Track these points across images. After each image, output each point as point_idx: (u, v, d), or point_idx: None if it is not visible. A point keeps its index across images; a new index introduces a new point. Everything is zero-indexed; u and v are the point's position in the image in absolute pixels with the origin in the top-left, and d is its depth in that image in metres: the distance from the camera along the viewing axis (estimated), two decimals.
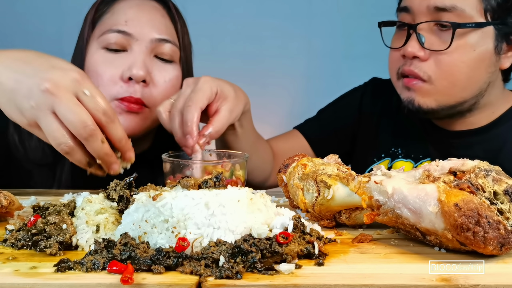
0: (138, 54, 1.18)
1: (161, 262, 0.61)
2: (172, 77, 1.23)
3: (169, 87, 1.22)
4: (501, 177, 0.68)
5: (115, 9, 1.23)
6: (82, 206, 0.77)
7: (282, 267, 0.61)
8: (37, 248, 0.68)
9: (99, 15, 1.24)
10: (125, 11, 1.21)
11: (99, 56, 1.19)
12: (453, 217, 0.61)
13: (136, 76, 1.15)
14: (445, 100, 1.19)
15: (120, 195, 0.79)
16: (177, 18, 1.26)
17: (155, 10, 1.24)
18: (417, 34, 1.16)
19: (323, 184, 0.80)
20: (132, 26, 1.19)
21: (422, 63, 1.17)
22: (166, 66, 1.23)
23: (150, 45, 1.19)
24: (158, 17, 1.23)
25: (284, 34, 2.36)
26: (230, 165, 0.96)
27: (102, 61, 1.18)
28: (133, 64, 1.16)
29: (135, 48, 1.18)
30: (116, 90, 1.16)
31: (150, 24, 1.20)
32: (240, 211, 0.68)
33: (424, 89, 1.18)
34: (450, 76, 1.16)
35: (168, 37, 1.22)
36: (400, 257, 0.67)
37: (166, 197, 0.69)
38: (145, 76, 1.16)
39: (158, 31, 1.21)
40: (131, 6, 1.22)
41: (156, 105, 1.16)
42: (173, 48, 1.22)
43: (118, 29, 1.18)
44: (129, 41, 1.18)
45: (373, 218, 0.72)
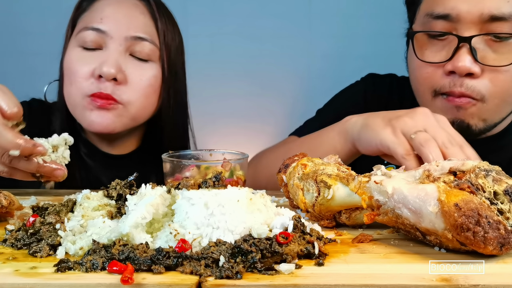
0: (112, 52, 1.16)
1: (161, 262, 0.61)
2: (149, 77, 1.21)
3: (145, 87, 1.20)
4: (501, 177, 0.68)
5: (94, 7, 1.22)
6: (80, 202, 0.79)
7: (282, 267, 0.61)
8: (30, 251, 0.68)
9: (79, 13, 1.24)
10: (102, 9, 1.20)
11: (75, 54, 1.19)
12: (453, 217, 0.61)
13: (105, 74, 1.14)
14: (492, 118, 1.08)
15: (119, 194, 0.80)
16: (158, 16, 1.22)
17: (134, 7, 1.22)
18: (471, 47, 1.01)
19: (323, 184, 0.80)
20: (107, 23, 1.17)
21: (475, 81, 1.03)
22: (143, 65, 1.20)
23: (125, 43, 1.17)
24: (137, 14, 1.21)
25: (284, 34, 2.36)
26: (230, 165, 0.96)
27: (77, 59, 1.18)
28: (105, 61, 1.15)
29: (110, 45, 1.17)
30: (87, 86, 1.16)
31: (126, 22, 1.18)
32: (239, 211, 0.68)
33: (475, 109, 1.05)
34: (504, 94, 1.05)
35: (145, 35, 1.19)
36: (400, 257, 0.67)
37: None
38: (115, 74, 1.15)
39: (134, 29, 1.18)
40: (109, 4, 1.21)
41: (129, 102, 1.19)
42: (151, 46, 1.20)
43: (93, 27, 1.17)
44: (104, 39, 1.17)
45: (373, 218, 0.72)
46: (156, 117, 1.30)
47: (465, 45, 1.01)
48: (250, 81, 2.37)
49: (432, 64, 1.07)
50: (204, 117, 2.25)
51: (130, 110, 1.20)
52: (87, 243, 0.67)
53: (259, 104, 2.39)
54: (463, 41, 1.01)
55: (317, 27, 2.36)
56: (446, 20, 1.03)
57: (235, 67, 2.35)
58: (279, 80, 2.39)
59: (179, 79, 1.30)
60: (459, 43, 1.01)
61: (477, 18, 1.00)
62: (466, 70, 1.01)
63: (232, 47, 2.35)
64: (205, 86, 2.28)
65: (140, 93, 1.20)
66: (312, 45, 2.38)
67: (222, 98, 2.35)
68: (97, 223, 0.71)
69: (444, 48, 1.05)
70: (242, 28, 2.34)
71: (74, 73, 1.18)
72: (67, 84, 1.20)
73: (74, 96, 1.19)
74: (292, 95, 2.43)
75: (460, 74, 1.02)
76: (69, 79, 1.20)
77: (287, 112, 2.40)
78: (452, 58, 1.03)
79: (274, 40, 2.36)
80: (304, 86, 2.43)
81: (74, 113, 1.22)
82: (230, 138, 2.37)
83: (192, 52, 2.04)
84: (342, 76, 1.74)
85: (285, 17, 2.35)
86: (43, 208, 0.80)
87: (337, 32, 2.34)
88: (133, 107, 1.21)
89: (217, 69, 2.33)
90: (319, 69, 2.38)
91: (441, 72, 1.06)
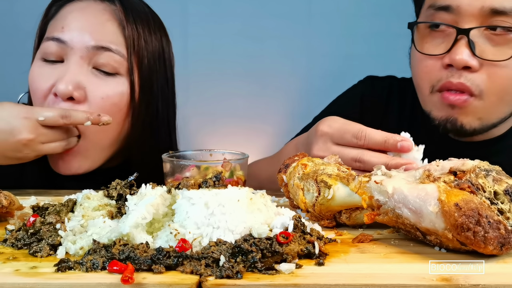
0: (71, 66, 1.03)
1: (162, 262, 0.61)
2: (113, 94, 1.05)
3: (106, 106, 1.05)
4: (501, 177, 0.68)
5: (59, 14, 1.10)
6: (80, 202, 0.79)
7: (282, 266, 0.61)
8: (30, 251, 0.68)
9: (47, 21, 1.12)
10: (65, 16, 1.08)
11: (36, 69, 1.07)
12: (454, 217, 0.61)
13: (61, 92, 1.02)
14: (488, 118, 1.05)
15: (119, 193, 0.80)
16: (126, 22, 1.07)
17: (100, 13, 1.07)
18: (469, 40, 0.98)
19: (323, 184, 0.80)
20: (68, 32, 1.04)
21: (473, 74, 1.00)
22: (107, 78, 1.06)
23: (87, 54, 1.04)
24: (102, 21, 1.06)
25: (284, 34, 2.36)
26: (230, 165, 0.96)
27: (37, 73, 1.07)
28: (61, 78, 1.03)
29: (70, 58, 1.04)
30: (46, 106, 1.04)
31: (88, 30, 1.05)
32: (239, 211, 0.68)
33: (471, 106, 1.02)
34: (502, 90, 1.01)
35: (110, 45, 1.04)
36: (400, 257, 0.67)
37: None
38: (71, 92, 1.02)
39: (97, 38, 1.04)
40: (73, 11, 1.08)
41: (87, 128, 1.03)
42: (116, 57, 1.05)
43: (53, 37, 1.05)
44: (65, 50, 1.04)
45: (373, 218, 0.72)
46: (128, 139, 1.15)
47: (464, 38, 0.99)
48: (250, 81, 2.38)
49: (432, 57, 1.05)
50: (204, 117, 2.26)
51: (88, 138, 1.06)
52: (88, 243, 0.67)
53: (259, 104, 2.39)
54: (461, 33, 0.99)
55: (317, 27, 2.37)
56: (447, 11, 1.02)
57: (235, 67, 2.36)
58: (279, 80, 2.40)
59: (156, 93, 1.14)
60: (458, 35, 1.00)
61: (478, 11, 0.98)
62: (463, 63, 0.99)
63: (232, 47, 2.36)
64: (205, 86, 2.28)
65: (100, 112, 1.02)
66: (312, 45, 2.39)
67: (222, 98, 2.35)
68: (98, 223, 0.71)
69: (444, 41, 1.03)
70: (242, 28, 2.34)
71: (35, 91, 1.06)
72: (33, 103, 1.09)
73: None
74: (292, 95, 2.43)
75: (457, 67, 1.00)
76: (33, 97, 1.08)
77: (287, 112, 2.40)
78: (450, 51, 1.01)
79: (274, 40, 2.36)
80: (304, 86, 2.43)
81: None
82: (230, 138, 2.37)
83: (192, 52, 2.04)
84: (342, 76, 1.74)
85: (285, 17, 2.35)
86: (43, 208, 0.80)
87: (337, 31, 2.34)
88: (90, 132, 1.06)
89: (217, 69, 2.33)
90: (319, 69, 2.38)
91: (439, 66, 1.04)
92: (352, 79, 1.47)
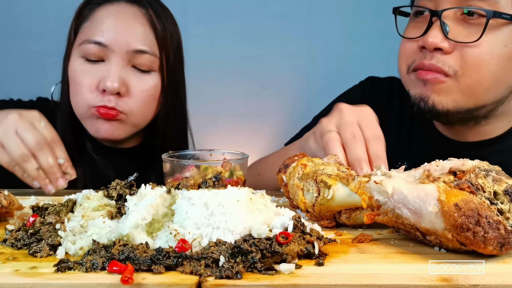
0: (114, 66, 1.20)
1: (161, 262, 0.61)
2: (149, 87, 1.25)
3: (145, 97, 1.25)
4: (501, 177, 0.68)
5: (94, 17, 1.25)
6: (80, 202, 0.79)
7: (282, 267, 0.61)
8: (30, 251, 0.68)
9: (81, 22, 1.26)
10: (103, 21, 1.23)
11: (78, 65, 1.23)
12: (453, 217, 0.61)
13: (109, 89, 1.19)
14: (464, 101, 1.04)
15: (119, 194, 0.81)
16: (157, 24, 1.25)
17: (133, 18, 1.24)
18: (441, 23, 1.01)
19: (323, 184, 0.80)
20: (108, 37, 1.20)
21: (446, 56, 1.02)
22: (144, 76, 1.24)
23: (127, 56, 1.21)
24: (136, 25, 1.23)
25: (284, 34, 2.36)
26: (230, 165, 0.96)
27: (81, 70, 1.23)
28: (108, 76, 1.19)
29: (112, 59, 1.21)
30: (92, 98, 1.21)
31: (127, 35, 1.21)
32: (239, 211, 0.68)
33: (444, 86, 1.03)
34: (477, 72, 1.01)
35: (146, 48, 1.23)
36: (400, 257, 0.67)
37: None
38: (119, 89, 1.20)
39: (135, 42, 1.21)
40: (109, 15, 1.23)
41: (132, 112, 1.25)
42: (151, 58, 1.23)
43: (95, 40, 1.21)
44: (106, 52, 1.21)
45: (373, 218, 0.72)
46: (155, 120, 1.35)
47: (437, 21, 1.01)
48: (250, 81, 2.38)
49: (410, 40, 1.08)
50: (204, 117, 2.26)
51: (131, 119, 1.26)
52: (87, 243, 0.67)
53: (259, 104, 2.39)
54: (434, 15, 1.02)
55: (317, 27, 2.37)
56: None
57: (235, 67, 2.35)
58: (279, 80, 2.40)
59: (177, 84, 1.34)
60: (431, 17, 1.02)
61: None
62: (433, 45, 1.01)
63: (232, 47, 2.35)
64: (205, 86, 2.28)
65: (141, 103, 1.25)
66: (312, 45, 2.39)
67: (222, 98, 2.35)
68: (97, 223, 0.71)
69: (423, 25, 1.06)
70: (242, 28, 2.34)
71: (79, 85, 1.23)
72: (73, 94, 1.26)
73: (80, 106, 1.25)
74: (292, 95, 2.43)
75: (429, 49, 1.03)
76: (74, 90, 1.25)
77: (287, 112, 2.40)
78: (425, 34, 1.04)
79: (274, 40, 2.36)
80: (304, 86, 2.43)
81: (81, 121, 1.29)
82: (230, 138, 2.37)
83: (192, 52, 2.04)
84: (342, 76, 1.74)
85: (285, 17, 2.35)
86: (43, 208, 0.80)
87: (337, 32, 2.34)
88: (134, 116, 1.26)
89: (217, 69, 2.33)
90: (319, 69, 2.38)
91: (415, 48, 1.07)
92: (352, 79, 1.47)
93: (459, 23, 1.02)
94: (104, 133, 1.25)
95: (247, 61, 2.36)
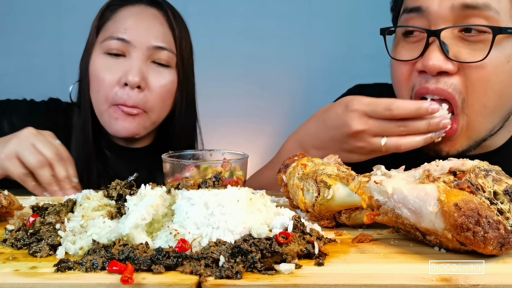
0: (135, 61, 1.26)
1: (161, 262, 0.61)
2: (167, 82, 1.31)
3: (164, 92, 1.31)
4: (501, 177, 0.68)
5: (117, 17, 1.32)
6: (80, 202, 0.79)
7: (282, 267, 0.61)
8: (30, 251, 0.68)
9: (103, 22, 1.33)
10: (125, 19, 1.30)
11: (100, 61, 1.29)
12: (453, 217, 0.61)
13: (131, 83, 1.25)
14: (477, 134, 1.00)
15: (119, 194, 0.81)
16: (175, 25, 1.33)
17: (154, 18, 1.32)
18: (441, 42, 0.93)
19: (323, 184, 0.80)
20: (131, 34, 1.27)
21: (451, 78, 0.95)
22: (162, 70, 1.31)
23: (147, 52, 1.28)
24: (156, 25, 1.31)
25: (284, 34, 2.36)
26: (230, 165, 0.96)
27: (103, 66, 1.28)
28: (129, 70, 1.25)
29: (133, 54, 1.27)
30: (114, 94, 1.26)
31: (148, 32, 1.28)
32: (239, 211, 0.68)
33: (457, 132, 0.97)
34: (482, 95, 0.95)
35: (165, 45, 1.30)
36: (400, 257, 0.67)
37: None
38: (139, 82, 1.25)
39: (155, 39, 1.28)
40: (131, 15, 1.31)
41: (152, 109, 1.30)
42: (169, 54, 1.30)
43: (118, 37, 1.27)
44: (127, 48, 1.27)
45: (373, 218, 0.72)
46: (170, 116, 1.41)
47: (435, 41, 0.94)
48: (250, 81, 2.37)
49: (406, 63, 1.01)
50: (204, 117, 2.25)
51: (151, 116, 1.32)
52: (87, 243, 0.67)
53: (259, 104, 2.39)
54: (432, 35, 0.94)
55: (317, 27, 2.36)
56: (418, 13, 0.97)
57: (235, 67, 2.35)
58: (279, 80, 2.39)
59: (190, 81, 1.41)
60: (428, 37, 0.95)
61: (449, 10, 0.93)
62: (436, 69, 0.94)
63: (232, 47, 2.35)
64: (205, 86, 2.28)
65: (159, 98, 1.31)
66: (312, 45, 2.38)
67: (222, 98, 2.35)
68: (97, 223, 0.71)
69: (418, 46, 0.99)
70: (242, 28, 2.34)
71: (101, 80, 1.28)
72: (94, 90, 1.31)
73: (101, 103, 1.30)
74: (292, 95, 2.43)
75: (430, 73, 0.96)
76: (96, 86, 1.30)
77: (286, 112, 2.40)
78: (422, 56, 0.96)
79: (274, 40, 2.36)
80: (304, 86, 2.43)
81: (100, 119, 1.33)
82: (230, 138, 2.37)
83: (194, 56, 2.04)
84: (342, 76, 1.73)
85: (285, 17, 2.34)
86: (43, 208, 0.80)
87: (337, 32, 2.34)
88: (153, 112, 1.32)
89: (217, 69, 2.33)
90: (319, 69, 2.38)
91: (414, 71, 1.00)
92: (352, 79, 1.47)
93: (458, 40, 0.95)
94: (124, 132, 1.30)
95: (247, 61, 2.36)
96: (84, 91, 1.34)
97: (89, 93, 1.32)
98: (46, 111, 1.39)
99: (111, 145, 1.41)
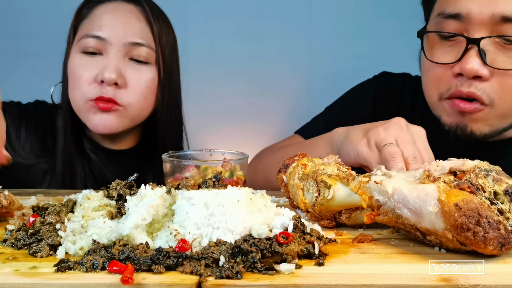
0: (112, 58, 1.24)
1: (161, 262, 0.61)
2: (147, 79, 1.28)
3: (143, 89, 1.28)
4: (501, 177, 0.68)
5: (93, 15, 1.29)
6: (80, 202, 0.79)
7: (282, 267, 0.61)
8: (30, 251, 0.68)
9: (80, 20, 1.31)
10: (101, 17, 1.27)
11: (77, 60, 1.27)
12: (453, 217, 0.61)
13: (107, 79, 1.22)
14: (499, 123, 1.05)
15: (119, 194, 0.81)
16: (153, 21, 1.29)
17: (130, 13, 1.29)
18: (480, 49, 0.98)
19: (323, 184, 0.80)
20: (106, 31, 1.25)
21: (484, 83, 1.00)
22: (141, 67, 1.27)
23: (124, 49, 1.25)
24: (133, 20, 1.28)
25: (284, 34, 2.36)
26: (230, 165, 0.96)
27: (80, 64, 1.26)
28: (106, 67, 1.23)
29: (110, 51, 1.24)
30: (90, 91, 1.24)
31: (124, 29, 1.26)
32: (239, 211, 0.68)
33: (481, 114, 1.02)
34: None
35: (142, 41, 1.27)
36: (400, 257, 0.67)
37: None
38: (116, 79, 1.23)
39: (132, 35, 1.26)
40: (107, 12, 1.28)
41: (129, 104, 1.27)
42: (148, 50, 1.27)
43: (93, 34, 1.25)
44: (104, 45, 1.25)
45: (373, 218, 0.72)
46: (153, 116, 1.37)
47: (474, 47, 0.98)
48: (250, 81, 2.37)
49: (442, 65, 1.04)
50: (204, 117, 2.26)
51: (130, 112, 1.28)
52: (87, 243, 0.67)
53: (259, 104, 2.39)
54: (471, 43, 0.98)
55: (317, 27, 2.36)
56: (456, 19, 1.01)
57: (235, 67, 2.35)
58: (279, 80, 2.39)
59: (173, 78, 1.36)
60: (468, 44, 0.99)
61: (488, 18, 0.97)
62: (473, 73, 0.99)
63: (232, 47, 2.35)
64: (205, 86, 2.28)
65: (139, 95, 1.27)
66: (312, 45, 2.38)
67: (222, 98, 2.35)
68: (98, 223, 0.71)
69: (454, 49, 1.03)
70: (242, 28, 2.33)
71: (78, 78, 1.25)
72: (71, 88, 1.29)
73: (78, 100, 1.28)
74: (292, 95, 2.43)
75: (467, 77, 1.00)
76: (73, 84, 1.27)
77: (287, 112, 2.40)
78: (460, 60, 1.00)
79: (274, 40, 2.36)
80: (304, 86, 2.43)
81: (79, 115, 1.30)
82: (230, 138, 2.37)
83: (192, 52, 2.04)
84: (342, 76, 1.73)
85: (285, 17, 2.34)
86: (43, 208, 0.80)
87: (338, 32, 2.34)
88: (132, 108, 1.28)
89: (217, 69, 2.33)
90: (319, 69, 2.38)
91: (449, 74, 1.03)
92: (352, 79, 1.47)
93: (496, 48, 0.99)
94: (101, 128, 1.27)
95: (247, 61, 2.36)
96: (64, 91, 1.32)
97: (67, 93, 1.30)
98: (34, 114, 1.37)
99: (96, 147, 1.38)
